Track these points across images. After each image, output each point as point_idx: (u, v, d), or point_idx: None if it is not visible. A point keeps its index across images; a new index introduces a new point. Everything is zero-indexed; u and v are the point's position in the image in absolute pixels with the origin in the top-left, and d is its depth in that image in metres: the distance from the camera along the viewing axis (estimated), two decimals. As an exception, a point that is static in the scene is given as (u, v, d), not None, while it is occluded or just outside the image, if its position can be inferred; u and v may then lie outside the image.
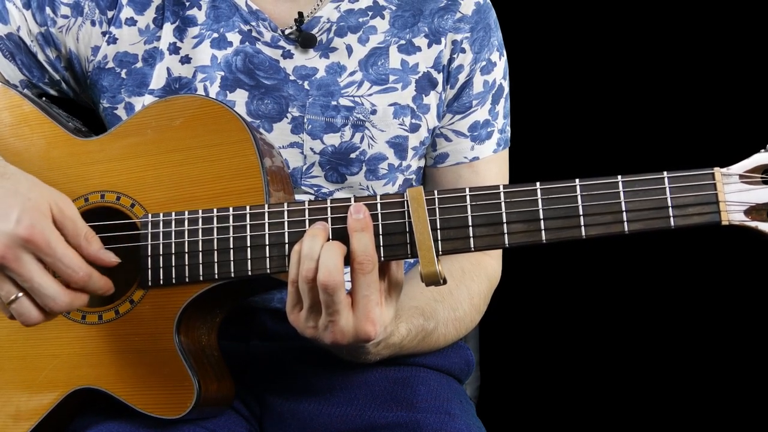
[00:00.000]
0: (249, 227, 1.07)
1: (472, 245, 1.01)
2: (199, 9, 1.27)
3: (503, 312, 1.52)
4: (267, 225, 1.06)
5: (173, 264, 1.10)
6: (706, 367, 2.20)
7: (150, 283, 1.10)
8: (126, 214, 1.13)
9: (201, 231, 1.09)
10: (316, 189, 1.27)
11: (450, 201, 1.02)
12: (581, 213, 0.98)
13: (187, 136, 1.13)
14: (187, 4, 1.27)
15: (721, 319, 2.18)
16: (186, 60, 1.26)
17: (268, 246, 1.06)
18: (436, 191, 1.03)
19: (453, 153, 1.34)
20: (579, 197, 0.99)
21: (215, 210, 1.09)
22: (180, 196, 1.12)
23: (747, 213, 0.94)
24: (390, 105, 1.27)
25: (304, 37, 1.26)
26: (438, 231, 1.02)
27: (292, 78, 1.25)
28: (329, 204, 1.05)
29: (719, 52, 2.10)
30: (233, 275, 1.07)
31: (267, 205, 1.07)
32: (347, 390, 1.24)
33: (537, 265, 2.02)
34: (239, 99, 1.24)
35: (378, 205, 1.04)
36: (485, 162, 1.35)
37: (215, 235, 1.08)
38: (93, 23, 1.27)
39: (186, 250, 1.09)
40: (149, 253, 1.11)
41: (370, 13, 1.29)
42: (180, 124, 1.14)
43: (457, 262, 1.28)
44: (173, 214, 1.11)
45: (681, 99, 2.12)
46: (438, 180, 1.36)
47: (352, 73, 1.27)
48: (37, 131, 1.21)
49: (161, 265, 1.10)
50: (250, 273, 1.07)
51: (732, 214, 0.95)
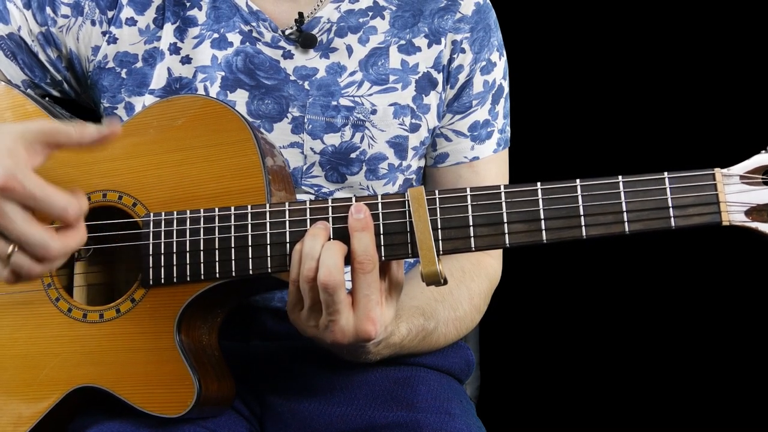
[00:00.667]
0: (250, 227, 1.07)
1: (472, 245, 1.02)
2: (200, 9, 1.27)
3: (503, 312, 1.53)
4: (268, 224, 1.07)
5: (174, 263, 1.10)
6: (706, 367, 2.21)
7: (151, 282, 1.11)
8: (128, 213, 1.14)
9: (202, 230, 1.09)
10: (316, 189, 1.27)
11: (451, 201, 1.02)
12: (582, 213, 0.99)
13: (189, 135, 1.13)
14: (188, 4, 1.27)
15: (722, 320, 2.18)
16: (186, 60, 1.26)
17: (269, 245, 1.06)
18: (437, 191, 1.03)
19: (453, 153, 1.34)
20: (580, 197, 0.99)
21: (217, 209, 1.09)
22: (181, 195, 1.12)
23: (747, 214, 0.95)
24: (390, 105, 1.27)
25: (304, 38, 1.26)
26: (439, 231, 1.02)
27: (292, 78, 1.26)
28: (330, 204, 1.05)
29: (720, 52, 2.10)
30: (234, 274, 1.07)
31: (268, 205, 1.07)
32: (347, 390, 1.24)
33: (537, 266, 2.02)
34: (239, 99, 1.25)
35: (379, 205, 1.04)
36: (485, 162, 1.35)
37: (216, 235, 1.08)
38: (93, 23, 1.27)
39: (187, 249, 1.09)
40: (151, 252, 1.11)
41: (370, 14, 1.29)
42: (182, 123, 1.14)
43: (458, 261, 1.29)
44: (175, 213, 1.11)
45: (682, 100, 2.13)
46: (438, 180, 1.36)
47: (352, 73, 1.27)
48: None
49: (162, 264, 1.10)
50: (251, 272, 1.07)
51: (732, 214, 0.95)
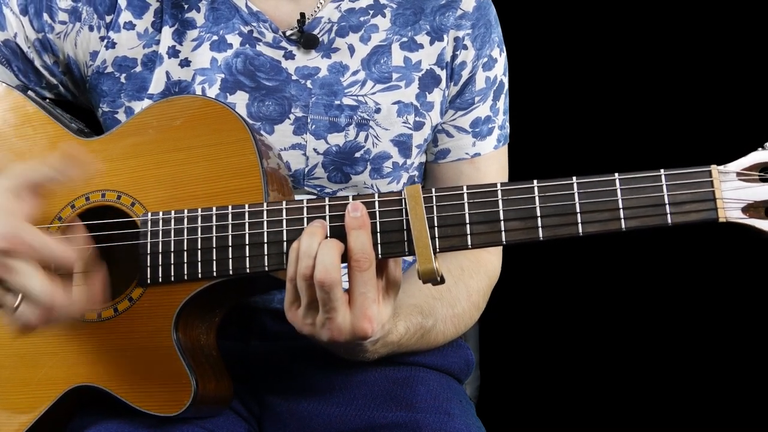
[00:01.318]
0: (248, 225, 1.07)
1: (469, 242, 1.02)
2: (198, 11, 1.27)
3: (503, 311, 1.53)
4: (265, 223, 1.07)
5: (172, 262, 1.10)
6: (704, 365, 2.20)
7: (149, 281, 1.11)
8: (126, 212, 1.14)
9: (200, 229, 1.09)
10: (319, 190, 1.27)
11: (447, 199, 1.02)
12: (578, 210, 0.98)
13: (188, 135, 1.13)
14: (186, 6, 1.27)
15: (719, 316, 2.18)
16: (185, 63, 1.26)
17: (266, 244, 1.06)
18: (433, 189, 1.03)
19: (454, 149, 1.34)
20: (576, 195, 0.99)
21: (214, 208, 1.09)
22: (179, 194, 1.12)
23: (744, 210, 0.94)
24: (394, 103, 1.27)
25: (306, 38, 1.26)
26: (435, 228, 1.02)
27: (294, 78, 1.26)
28: (327, 202, 1.05)
29: (717, 50, 2.10)
30: (231, 273, 1.08)
31: (266, 204, 1.07)
32: (347, 390, 1.24)
33: (536, 264, 2.02)
34: (239, 101, 1.25)
35: (376, 203, 1.04)
36: (486, 158, 1.35)
37: (214, 234, 1.08)
38: (91, 28, 1.27)
39: (185, 248, 1.09)
40: (148, 251, 1.11)
41: (371, 12, 1.29)
42: (181, 123, 1.14)
43: (456, 259, 1.28)
44: (172, 212, 1.11)
45: (678, 97, 2.13)
46: (439, 176, 1.36)
47: (354, 73, 1.27)
48: (41, 131, 1.21)
49: (160, 263, 1.10)
50: (248, 271, 1.07)
51: (729, 211, 0.95)
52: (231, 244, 1.08)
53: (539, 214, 0.99)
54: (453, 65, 1.31)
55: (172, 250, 1.10)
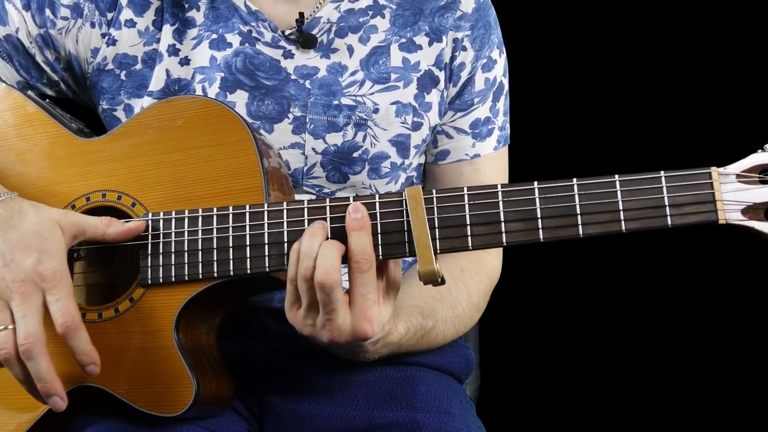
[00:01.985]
0: (248, 226, 1.08)
1: (470, 244, 1.02)
2: (198, 10, 1.27)
3: (503, 311, 1.53)
4: (266, 224, 1.07)
5: (173, 262, 1.10)
6: (704, 366, 2.20)
7: (150, 282, 1.11)
8: (127, 213, 1.14)
9: (201, 230, 1.09)
10: (317, 189, 1.27)
11: (448, 200, 1.03)
12: (579, 212, 0.99)
13: (188, 136, 1.14)
14: (186, 5, 1.27)
15: (719, 318, 2.18)
16: (185, 62, 1.26)
17: (267, 245, 1.07)
18: (434, 190, 1.03)
19: (454, 150, 1.34)
20: (576, 196, 0.99)
21: (215, 209, 1.09)
22: (180, 195, 1.13)
23: (744, 212, 0.95)
24: (392, 103, 1.27)
25: (304, 38, 1.26)
26: (436, 230, 1.02)
27: (293, 78, 1.26)
28: (328, 203, 1.05)
29: (717, 52, 2.10)
30: (232, 273, 1.08)
31: (266, 205, 1.08)
32: (347, 390, 1.24)
33: (537, 265, 2.02)
34: (239, 100, 1.25)
35: (376, 204, 1.04)
36: (486, 159, 1.35)
37: (215, 234, 1.09)
38: (92, 25, 1.28)
39: (186, 248, 1.10)
40: (149, 252, 1.11)
41: (370, 13, 1.29)
42: (181, 124, 1.14)
43: (457, 260, 1.29)
44: (173, 213, 1.11)
45: (679, 99, 2.12)
46: (439, 177, 1.36)
47: (353, 73, 1.27)
48: (41, 131, 1.21)
49: (161, 264, 1.11)
50: (249, 271, 1.07)
51: (729, 213, 0.95)
52: (232, 244, 1.08)
53: (540, 215, 1.00)
54: (452, 66, 1.31)
55: (172, 250, 1.10)
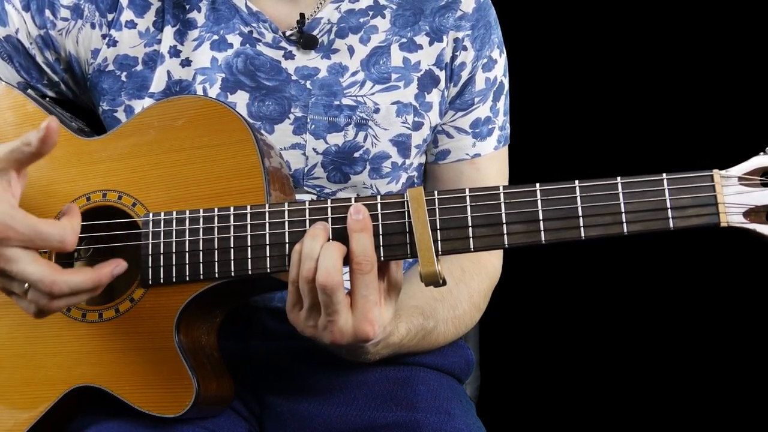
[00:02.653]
0: (250, 227, 1.08)
1: (471, 246, 1.02)
2: (199, 11, 1.27)
3: (503, 311, 1.53)
4: (267, 225, 1.07)
5: (174, 263, 1.10)
6: (705, 368, 2.20)
7: (150, 282, 1.11)
8: (127, 213, 1.14)
9: (202, 230, 1.09)
10: (318, 190, 1.27)
11: (450, 201, 1.03)
12: (581, 214, 0.99)
13: (189, 136, 1.13)
14: (187, 7, 1.27)
15: (720, 321, 2.18)
16: (186, 63, 1.26)
17: (268, 246, 1.07)
18: (436, 192, 1.03)
19: (455, 150, 1.35)
20: (578, 198, 0.99)
21: (216, 209, 1.09)
22: (181, 195, 1.12)
23: (746, 215, 0.95)
24: (393, 103, 1.27)
25: (305, 39, 1.26)
26: (438, 231, 1.02)
27: (294, 78, 1.26)
28: (330, 204, 1.05)
29: (719, 54, 2.10)
30: (233, 274, 1.08)
31: (268, 205, 1.07)
32: (347, 390, 1.24)
33: (537, 266, 2.02)
34: (240, 101, 1.25)
35: (378, 206, 1.04)
36: (486, 159, 1.35)
37: (216, 235, 1.09)
38: (93, 26, 1.27)
39: (186, 249, 1.09)
40: (150, 252, 1.11)
41: (370, 13, 1.29)
42: (182, 124, 1.14)
43: (457, 260, 1.29)
44: (174, 213, 1.11)
45: (681, 101, 2.13)
46: (439, 177, 1.36)
47: (354, 73, 1.27)
48: None
49: (162, 264, 1.10)
50: (250, 272, 1.07)
51: (731, 216, 0.95)
52: (233, 245, 1.08)
53: (541, 217, 0.99)
54: (452, 66, 1.31)
55: (173, 251, 1.10)
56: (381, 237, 1.03)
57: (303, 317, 1.04)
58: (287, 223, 1.06)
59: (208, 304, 1.13)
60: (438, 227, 1.02)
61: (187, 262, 1.09)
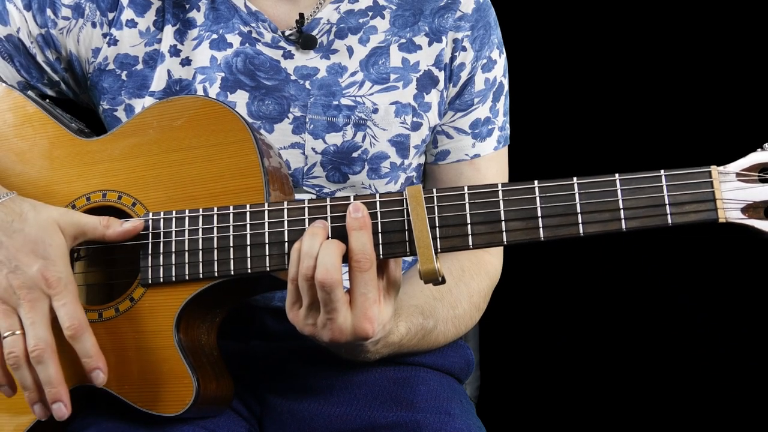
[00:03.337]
0: (249, 226, 1.08)
1: (470, 243, 1.02)
2: (199, 11, 1.28)
3: (504, 311, 1.53)
4: (267, 224, 1.07)
5: (173, 262, 1.10)
6: (704, 366, 2.20)
7: (150, 281, 1.11)
8: (127, 213, 1.14)
9: (201, 230, 1.10)
10: (317, 189, 1.27)
11: (449, 199, 1.03)
12: (579, 211, 0.99)
13: (189, 135, 1.14)
14: (187, 6, 1.28)
15: (719, 317, 2.18)
16: (186, 62, 1.27)
17: (267, 244, 1.07)
18: (435, 189, 1.04)
19: (454, 150, 1.35)
20: (577, 195, 0.99)
21: (215, 208, 1.09)
22: (181, 195, 1.13)
23: (744, 211, 0.95)
24: (391, 104, 1.27)
25: (304, 39, 1.26)
26: (437, 229, 1.02)
27: (293, 78, 1.26)
28: (329, 203, 1.05)
29: (717, 50, 2.10)
30: (233, 273, 1.08)
31: (267, 204, 1.08)
32: (347, 390, 1.24)
33: (537, 265, 2.02)
34: (240, 100, 1.25)
35: (377, 204, 1.04)
36: (486, 159, 1.35)
37: (215, 234, 1.09)
38: (94, 25, 1.28)
39: (186, 248, 1.10)
40: (150, 252, 1.11)
41: (370, 14, 1.30)
42: (181, 124, 1.14)
43: (457, 260, 1.29)
44: (174, 212, 1.11)
45: (679, 98, 2.13)
46: (439, 177, 1.36)
47: (353, 74, 1.27)
48: (41, 131, 1.21)
49: (161, 263, 1.11)
50: (249, 271, 1.07)
51: (729, 211, 0.95)
52: (232, 244, 1.08)
53: (540, 214, 1.00)
54: (452, 66, 1.31)
55: (173, 250, 1.10)
56: (380, 235, 1.04)
57: (302, 315, 1.05)
58: (286, 222, 1.06)
59: (207, 303, 1.13)
60: (437, 225, 1.03)
61: (187, 261, 1.10)
